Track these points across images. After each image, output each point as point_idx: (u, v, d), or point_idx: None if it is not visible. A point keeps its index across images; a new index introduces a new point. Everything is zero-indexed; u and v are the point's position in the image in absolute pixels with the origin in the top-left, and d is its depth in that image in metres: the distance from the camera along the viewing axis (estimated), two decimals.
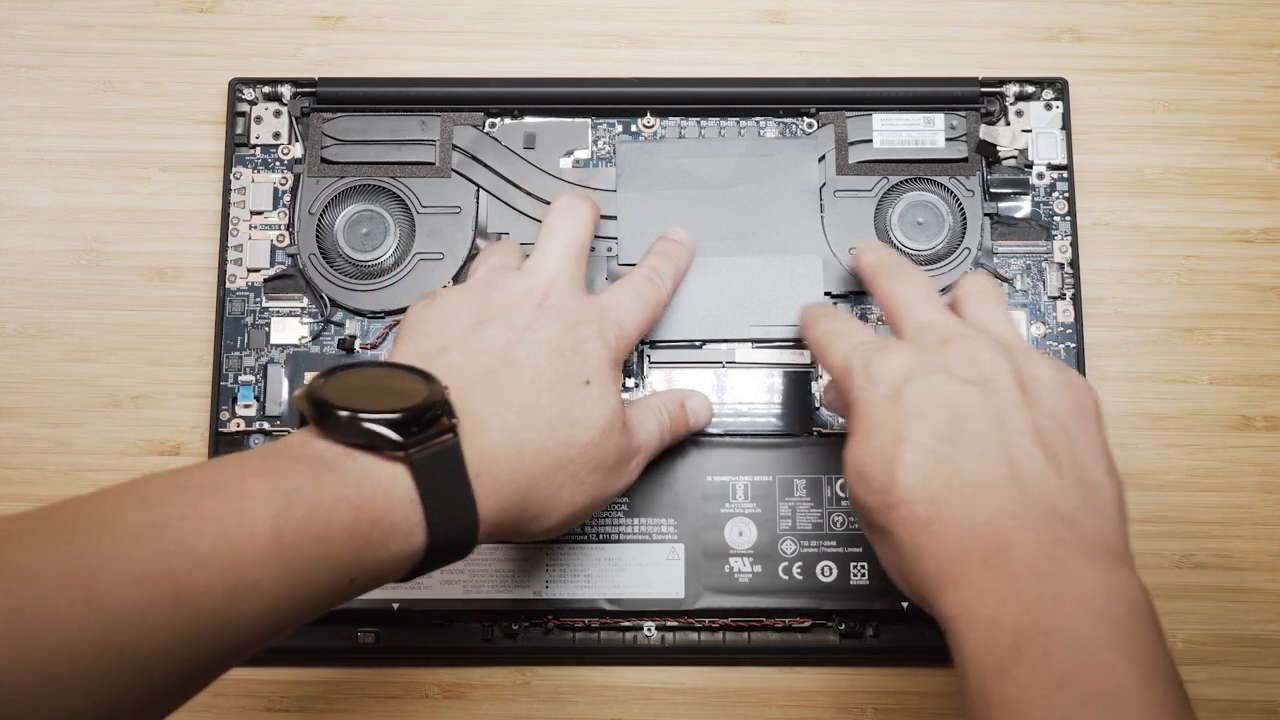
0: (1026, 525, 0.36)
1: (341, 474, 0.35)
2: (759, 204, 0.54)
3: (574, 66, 0.57)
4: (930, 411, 0.39)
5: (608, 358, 0.43)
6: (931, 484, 0.38)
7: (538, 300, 0.44)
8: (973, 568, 0.36)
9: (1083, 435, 0.39)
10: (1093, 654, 0.33)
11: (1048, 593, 0.35)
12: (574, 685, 0.51)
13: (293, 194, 0.54)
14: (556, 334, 0.42)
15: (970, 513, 0.37)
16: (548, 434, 0.40)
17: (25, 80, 0.57)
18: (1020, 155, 0.54)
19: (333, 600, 0.35)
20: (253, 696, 0.51)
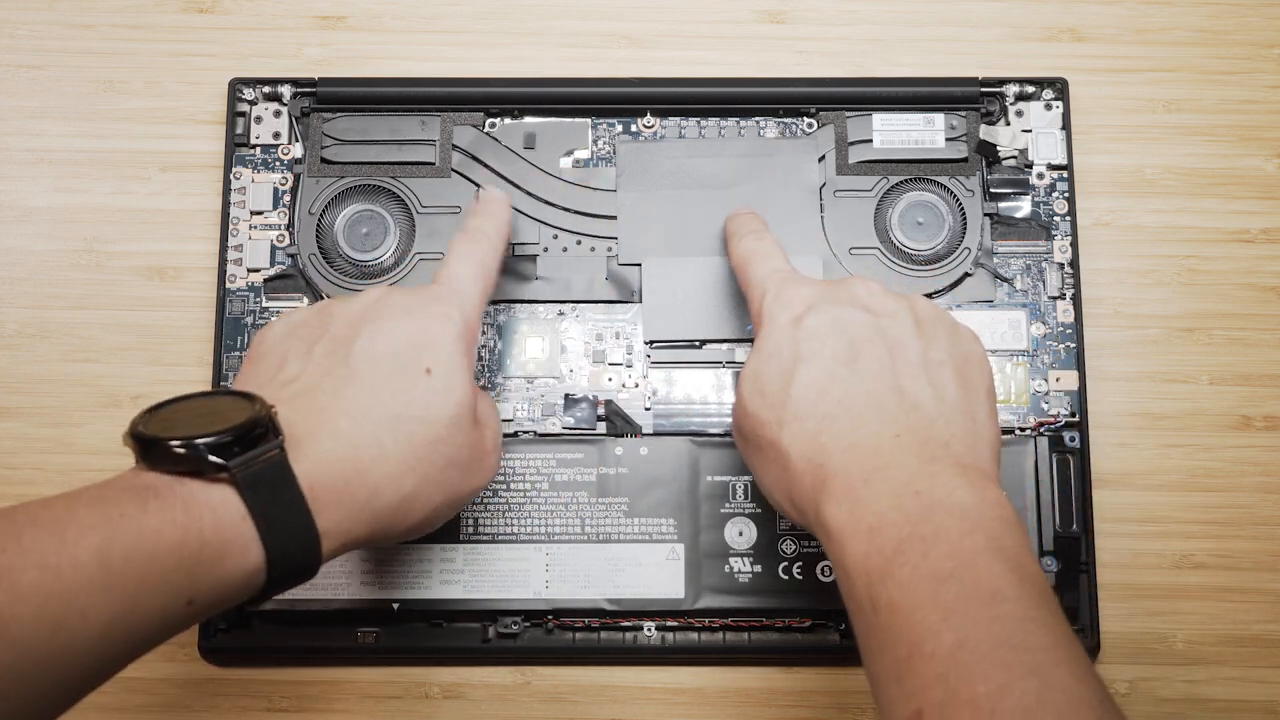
0: (907, 445, 0.39)
1: (168, 498, 0.35)
2: (759, 204, 0.54)
3: (574, 66, 0.57)
4: (831, 336, 0.41)
5: (453, 336, 0.42)
6: (825, 400, 0.40)
7: (377, 298, 0.43)
8: (856, 483, 0.38)
9: (967, 376, 0.42)
10: (968, 556, 0.35)
11: (925, 504, 0.37)
12: (574, 685, 0.51)
13: (293, 194, 0.54)
14: (396, 324, 0.41)
15: (857, 430, 0.39)
16: (386, 435, 0.39)
17: (25, 80, 0.57)
18: (1020, 155, 0.54)
19: (172, 622, 0.35)
20: (253, 696, 0.51)
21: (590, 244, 0.54)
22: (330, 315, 0.43)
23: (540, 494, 0.51)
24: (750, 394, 0.42)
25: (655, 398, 0.52)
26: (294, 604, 0.50)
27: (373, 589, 0.50)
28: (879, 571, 0.36)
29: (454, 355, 0.41)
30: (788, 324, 0.42)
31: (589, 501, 0.51)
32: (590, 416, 0.52)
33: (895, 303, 0.43)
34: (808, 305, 0.43)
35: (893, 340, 0.42)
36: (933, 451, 0.39)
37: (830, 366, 0.41)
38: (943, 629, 0.34)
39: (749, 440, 0.43)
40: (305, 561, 0.38)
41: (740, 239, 0.48)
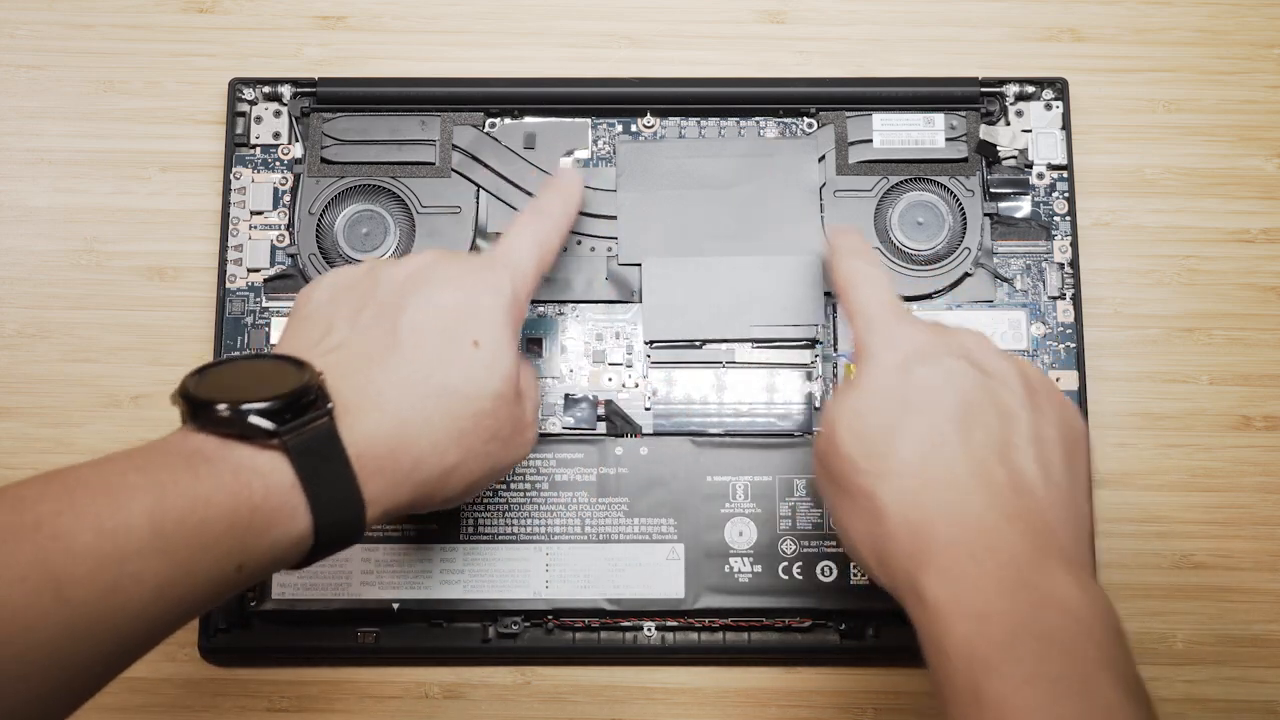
0: (1019, 530, 0.37)
1: (218, 464, 0.35)
2: (759, 204, 0.54)
3: (574, 66, 0.57)
4: (944, 391, 0.39)
5: (501, 308, 0.41)
6: (932, 463, 0.38)
7: (428, 264, 0.42)
8: (962, 559, 0.36)
9: (1074, 458, 0.40)
10: (1081, 663, 0.34)
11: (1037, 599, 0.35)
12: (574, 685, 0.51)
13: (293, 194, 0.54)
14: (444, 294, 0.41)
15: (964, 502, 0.37)
16: (432, 407, 0.39)
17: (25, 80, 0.57)
18: (1020, 155, 0.54)
19: (221, 588, 0.35)
20: (253, 696, 0.51)
21: (590, 244, 0.54)
22: (377, 279, 0.42)
23: (540, 494, 0.51)
24: (847, 433, 0.39)
25: (655, 398, 0.52)
26: (294, 604, 0.50)
27: (373, 589, 0.50)
28: (985, 661, 0.34)
29: (501, 328, 0.41)
30: (895, 367, 0.40)
31: (589, 501, 0.51)
32: (590, 416, 0.52)
33: (1006, 364, 0.41)
34: (919, 352, 0.40)
35: (1004, 408, 0.39)
36: (1043, 540, 0.37)
37: (941, 426, 0.39)
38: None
39: (837, 482, 0.40)
40: (350, 529, 0.38)
41: (848, 258, 0.45)
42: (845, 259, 0.45)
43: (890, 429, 0.39)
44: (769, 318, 0.52)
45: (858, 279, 0.44)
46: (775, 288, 0.53)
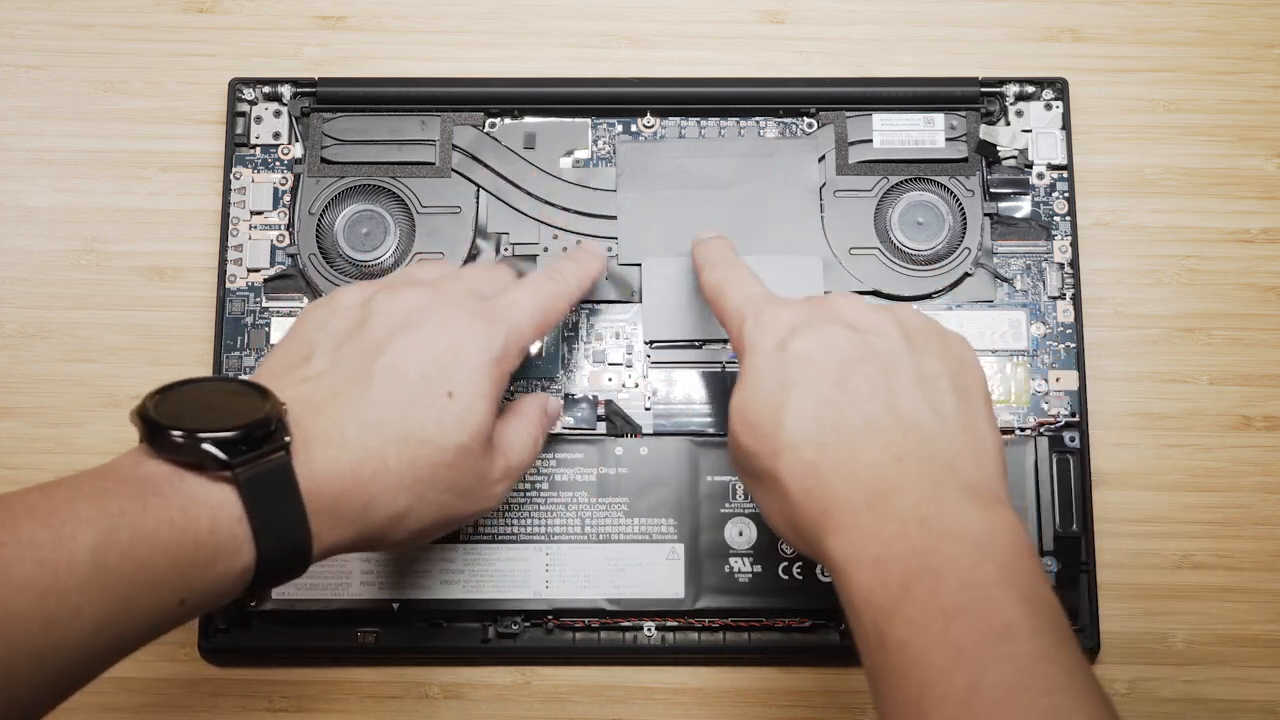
0: (909, 469, 0.37)
1: (167, 496, 0.35)
2: (759, 204, 0.54)
3: (574, 66, 0.57)
4: (819, 358, 0.40)
5: (486, 362, 0.41)
6: (820, 428, 0.38)
7: (423, 306, 0.42)
8: (858, 512, 0.37)
9: (966, 389, 0.40)
10: (979, 589, 0.34)
11: (932, 533, 0.35)
12: (574, 685, 0.51)
13: (293, 194, 0.54)
14: (431, 340, 0.41)
15: (855, 456, 0.38)
16: (391, 452, 0.39)
17: (25, 80, 0.57)
18: (1020, 155, 0.54)
19: (162, 621, 0.35)
20: (253, 696, 0.51)
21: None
22: (370, 311, 0.42)
23: (540, 494, 0.51)
24: (741, 427, 0.40)
25: (655, 398, 0.52)
26: (294, 604, 0.50)
27: (373, 589, 0.50)
28: (886, 607, 0.35)
29: (481, 381, 0.41)
30: (772, 349, 0.40)
31: (589, 501, 0.51)
32: (590, 416, 0.52)
33: (880, 316, 0.41)
34: (791, 328, 0.41)
35: (883, 357, 0.40)
36: (936, 475, 0.37)
37: (821, 391, 0.39)
38: (953, 671, 0.33)
39: (745, 471, 0.41)
40: (295, 564, 0.37)
41: (711, 269, 0.46)
42: (708, 272, 0.46)
43: (776, 408, 0.39)
44: None
45: (722, 285, 0.45)
46: (775, 288, 0.52)
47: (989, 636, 0.33)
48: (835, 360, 0.40)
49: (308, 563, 0.38)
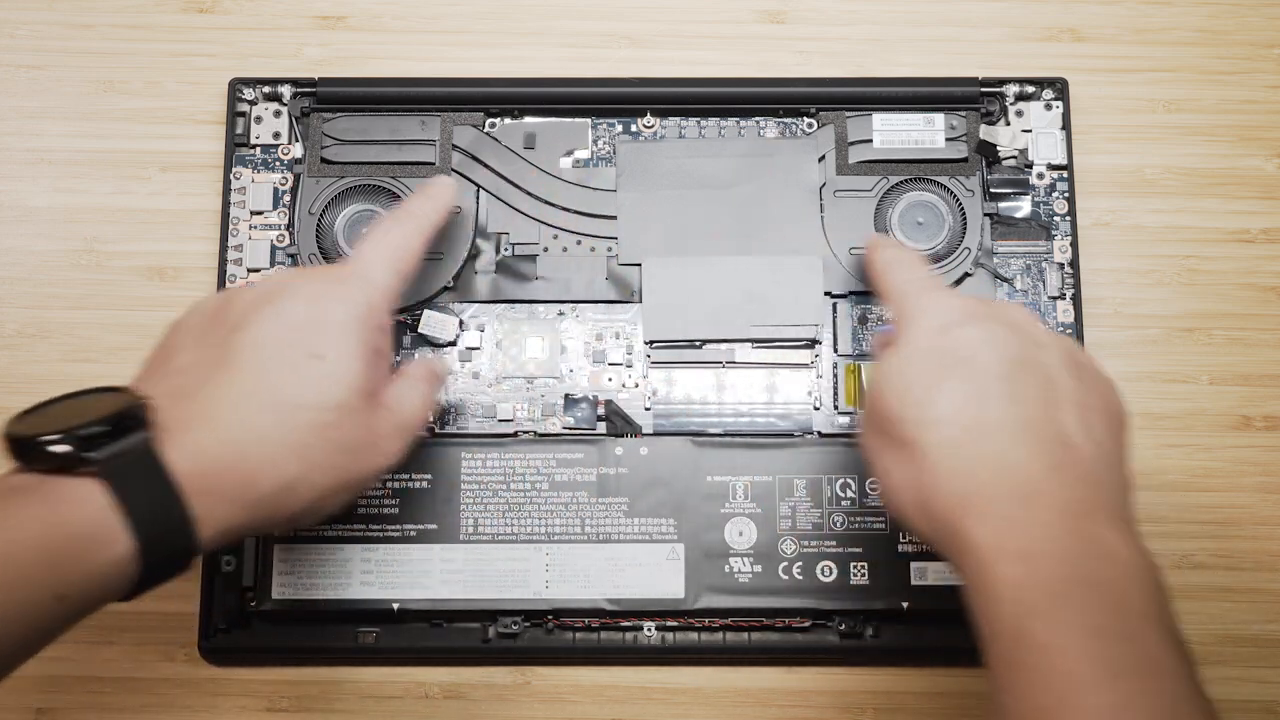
0: (1064, 480, 0.37)
1: (33, 495, 0.35)
2: (759, 204, 0.54)
3: (574, 66, 0.57)
4: (987, 351, 0.39)
5: (349, 318, 0.41)
6: (976, 414, 0.38)
7: (278, 283, 0.42)
8: (1009, 504, 0.36)
9: (1116, 430, 0.40)
10: (1130, 617, 0.34)
11: (1086, 547, 0.35)
12: (574, 685, 0.51)
13: (293, 194, 0.54)
14: (289, 310, 0.41)
15: (1008, 452, 0.37)
16: (266, 421, 0.39)
17: (25, 80, 0.57)
18: (1020, 155, 0.54)
19: (42, 619, 0.35)
20: (253, 696, 0.51)
21: (590, 244, 0.54)
22: (230, 302, 0.42)
23: (540, 494, 0.51)
24: (890, 390, 0.40)
25: (655, 398, 0.52)
26: (294, 604, 0.50)
27: (373, 589, 0.50)
28: (1032, 605, 0.34)
29: (348, 338, 0.41)
30: (936, 330, 0.40)
31: (589, 501, 0.51)
32: (590, 416, 0.52)
33: (1051, 337, 0.41)
34: (965, 314, 0.41)
35: (1048, 372, 0.39)
36: (1089, 495, 0.37)
37: (984, 380, 0.39)
38: (1100, 690, 0.32)
39: (880, 434, 0.40)
40: (180, 549, 0.37)
41: (883, 249, 0.46)
42: (879, 251, 0.46)
43: (933, 382, 0.39)
44: (769, 318, 0.52)
45: (894, 265, 0.44)
46: (775, 288, 0.52)
47: (1139, 666, 0.33)
48: (1001, 357, 0.39)
49: (196, 547, 0.38)
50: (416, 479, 0.51)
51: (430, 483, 0.51)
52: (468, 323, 0.53)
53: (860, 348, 0.53)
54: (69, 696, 0.51)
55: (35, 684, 0.51)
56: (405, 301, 0.53)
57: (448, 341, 0.53)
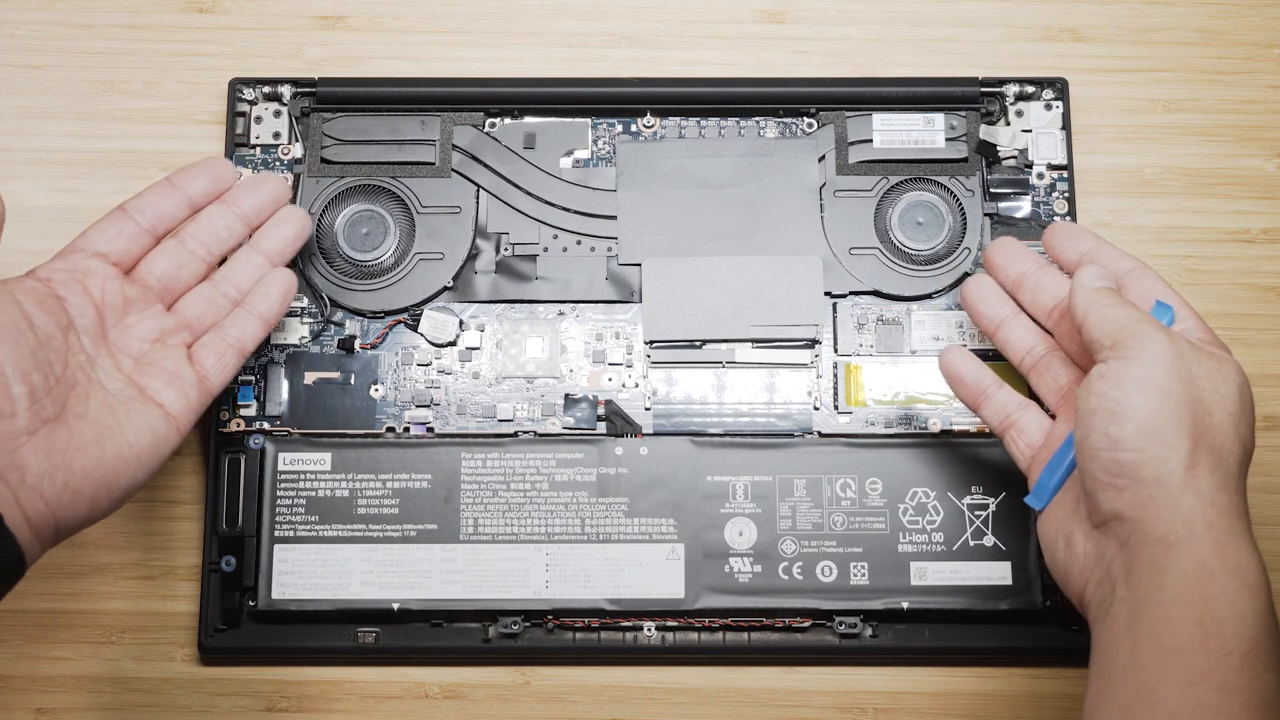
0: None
1: None
2: (759, 204, 0.54)
3: (574, 66, 0.57)
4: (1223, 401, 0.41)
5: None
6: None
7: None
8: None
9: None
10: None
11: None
12: (574, 685, 0.51)
13: (293, 194, 0.54)
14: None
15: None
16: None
17: (26, 80, 0.57)
18: (1020, 155, 0.54)
19: None
20: (253, 696, 0.51)
21: (590, 244, 0.54)
22: None
23: (540, 494, 0.51)
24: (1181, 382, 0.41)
25: (655, 398, 0.52)
26: (293, 604, 0.50)
27: (373, 589, 0.50)
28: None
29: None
30: (1172, 355, 0.42)
31: (589, 501, 0.51)
32: (590, 416, 0.52)
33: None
34: (1179, 361, 0.42)
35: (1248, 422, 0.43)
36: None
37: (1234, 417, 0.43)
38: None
39: (1195, 350, 0.42)
40: None
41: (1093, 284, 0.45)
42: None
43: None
44: (769, 318, 0.52)
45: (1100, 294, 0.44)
46: (775, 288, 0.53)
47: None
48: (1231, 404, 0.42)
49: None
50: (416, 479, 0.51)
51: (430, 483, 0.51)
52: (468, 323, 0.53)
53: (860, 347, 0.53)
54: (69, 696, 0.51)
55: (35, 684, 0.51)
56: (405, 301, 0.53)
57: (448, 341, 0.53)
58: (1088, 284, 0.44)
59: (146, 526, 0.52)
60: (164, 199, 0.48)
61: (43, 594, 0.52)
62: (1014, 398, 0.47)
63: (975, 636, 0.50)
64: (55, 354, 0.43)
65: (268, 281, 0.48)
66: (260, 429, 0.52)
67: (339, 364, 0.53)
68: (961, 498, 0.51)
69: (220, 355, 0.47)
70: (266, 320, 0.48)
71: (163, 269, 0.47)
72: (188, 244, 0.48)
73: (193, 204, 0.48)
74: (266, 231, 0.49)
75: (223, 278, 0.48)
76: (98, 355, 0.45)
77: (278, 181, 0.50)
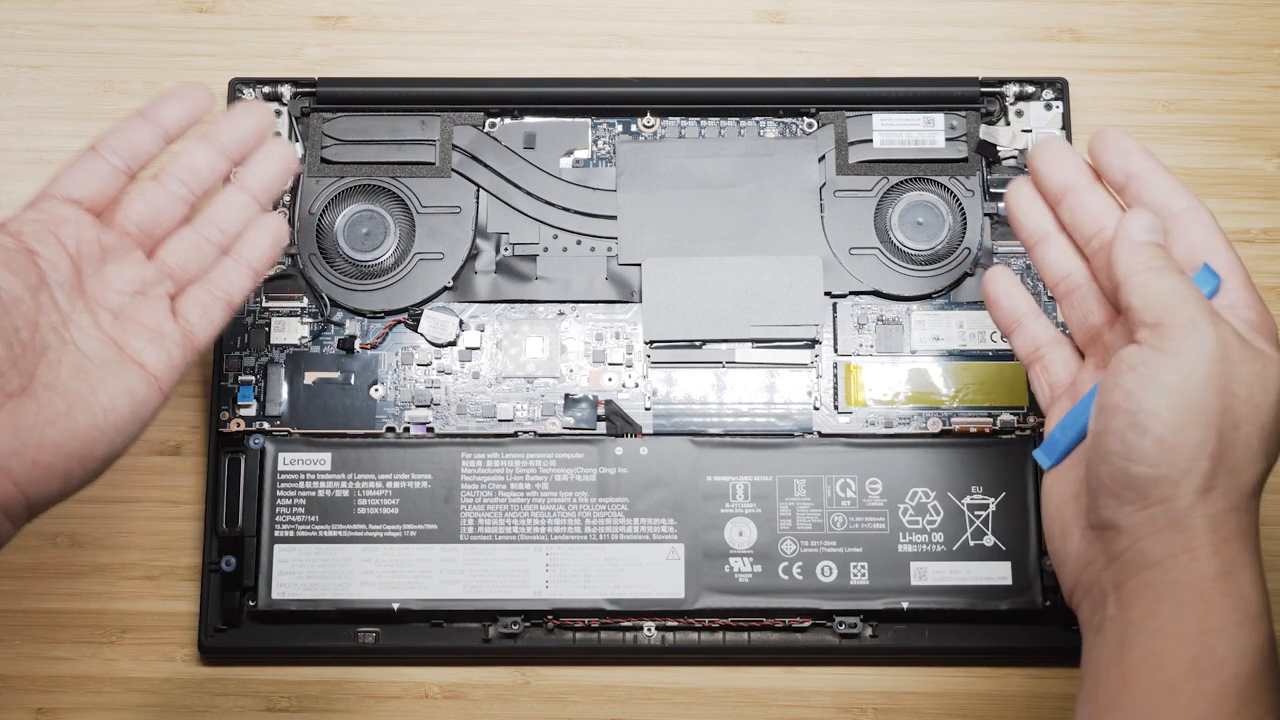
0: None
1: None
2: (759, 204, 0.54)
3: (574, 66, 0.57)
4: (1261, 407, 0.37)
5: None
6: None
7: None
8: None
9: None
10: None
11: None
12: (574, 685, 0.51)
13: (293, 194, 0.54)
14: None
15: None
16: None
17: (26, 80, 0.57)
18: (1020, 155, 0.54)
19: None
20: (253, 696, 0.51)
21: (590, 244, 0.54)
22: None
23: (540, 494, 0.51)
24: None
25: (655, 398, 0.52)
26: (293, 604, 0.50)
27: (373, 589, 0.50)
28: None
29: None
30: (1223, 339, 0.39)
31: (589, 501, 0.51)
32: (590, 416, 0.52)
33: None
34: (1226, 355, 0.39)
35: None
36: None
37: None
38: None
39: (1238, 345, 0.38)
40: None
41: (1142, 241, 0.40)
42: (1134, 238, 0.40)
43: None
44: (769, 318, 0.52)
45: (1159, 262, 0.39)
46: (775, 288, 0.53)
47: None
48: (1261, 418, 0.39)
49: None
50: (416, 479, 0.51)
51: (430, 483, 0.51)
52: (468, 323, 0.53)
53: (859, 348, 0.53)
54: (69, 696, 0.51)
55: (35, 684, 0.51)
56: (405, 301, 0.53)
57: (448, 341, 0.53)
58: (1134, 236, 0.39)
59: (146, 526, 0.52)
60: (137, 133, 0.43)
61: (43, 594, 0.52)
62: (1048, 332, 0.43)
63: (975, 636, 0.50)
64: (23, 319, 0.39)
65: (257, 228, 0.45)
66: (260, 429, 0.52)
67: (339, 364, 0.53)
68: (961, 498, 0.51)
69: (206, 309, 0.43)
70: (256, 270, 0.44)
71: (140, 212, 0.43)
72: (166, 184, 0.44)
73: (169, 137, 0.44)
74: (251, 168, 0.45)
75: (206, 220, 0.44)
76: (73, 313, 0.41)
77: (261, 110, 0.46)
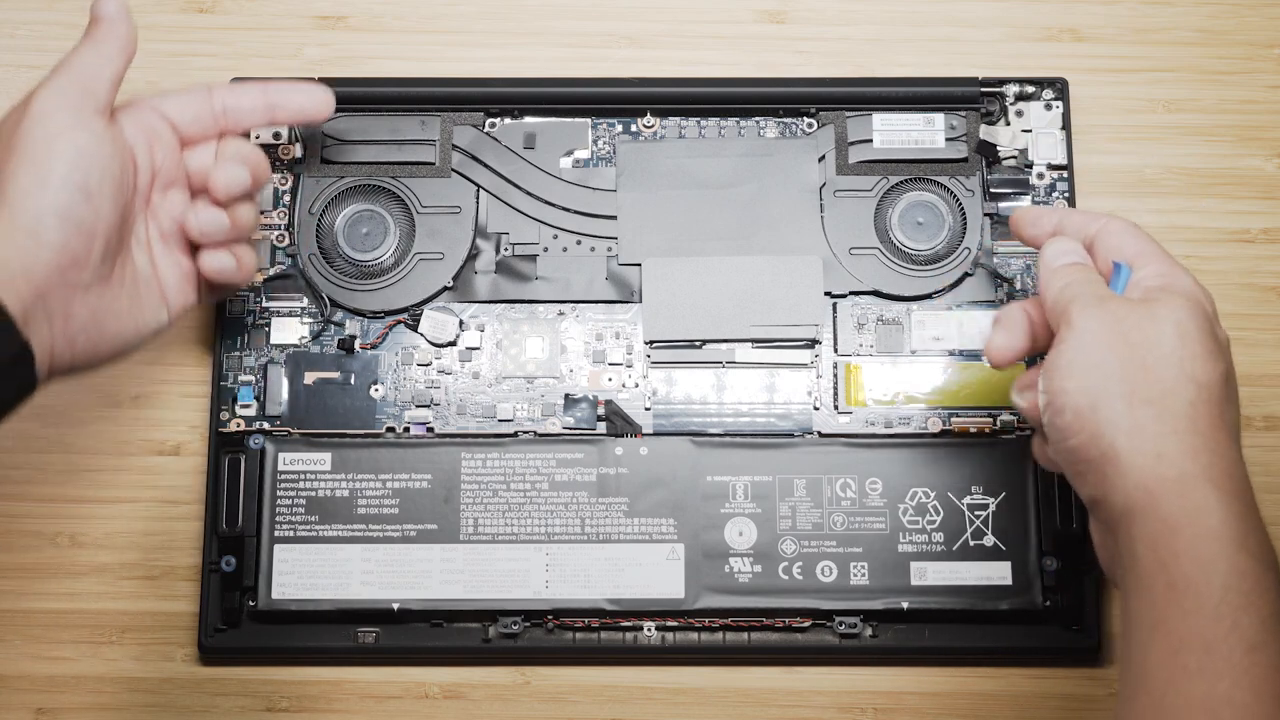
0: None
1: None
2: (759, 204, 0.54)
3: (574, 66, 0.57)
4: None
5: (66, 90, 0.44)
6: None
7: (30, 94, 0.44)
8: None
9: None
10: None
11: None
12: (574, 685, 0.51)
13: (293, 194, 0.54)
14: (7, 119, 0.43)
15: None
16: (51, 190, 0.41)
17: (26, 80, 0.56)
18: (1020, 155, 0.54)
19: None
20: (253, 696, 0.51)
21: (590, 244, 0.54)
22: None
23: (540, 494, 0.51)
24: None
25: (655, 398, 0.52)
26: (293, 604, 0.50)
27: (373, 589, 0.50)
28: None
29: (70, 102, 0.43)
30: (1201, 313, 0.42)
31: (589, 501, 0.51)
32: (590, 416, 0.52)
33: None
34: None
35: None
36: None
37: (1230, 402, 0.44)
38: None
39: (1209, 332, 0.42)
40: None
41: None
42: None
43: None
44: (769, 318, 0.52)
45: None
46: (775, 288, 0.53)
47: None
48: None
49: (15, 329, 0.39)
50: (416, 479, 0.51)
51: (430, 483, 0.51)
52: (468, 323, 0.53)
53: (860, 348, 0.53)
54: (69, 696, 0.51)
55: (35, 684, 0.51)
56: (405, 301, 0.53)
57: (448, 341, 0.53)
58: (1049, 262, 0.44)
59: (146, 526, 0.52)
60: (250, 99, 0.48)
61: (43, 594, 0.52)
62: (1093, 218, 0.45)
63: (975, 636, 0.50)
64: (131, 211, 0.44)
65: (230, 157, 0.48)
66: (260, 429, 0.52)
67: (339, 364, 0.53)
68: (961, 498, 0.51)
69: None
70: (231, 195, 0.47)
71: (198, 164, 0.47)
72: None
73: (273, 119, 0.49)
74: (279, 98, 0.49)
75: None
76: (137, 222, 0.45)
77: (325, 96, 0.49)
